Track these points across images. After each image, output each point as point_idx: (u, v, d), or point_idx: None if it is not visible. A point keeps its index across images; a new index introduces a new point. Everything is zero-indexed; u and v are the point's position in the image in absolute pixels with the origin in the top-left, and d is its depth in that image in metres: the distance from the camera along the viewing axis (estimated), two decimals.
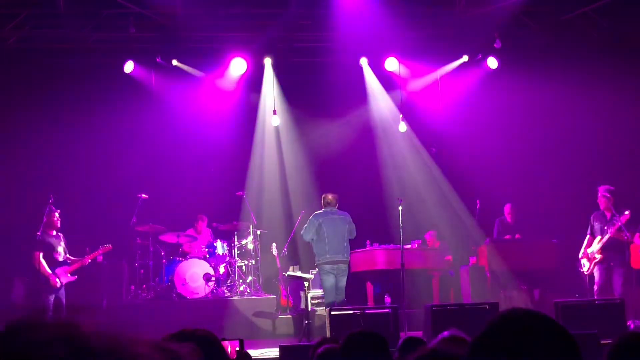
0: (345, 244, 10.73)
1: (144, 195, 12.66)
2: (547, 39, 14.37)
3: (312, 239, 10.77)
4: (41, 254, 10.60)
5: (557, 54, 14.45)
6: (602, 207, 11.42)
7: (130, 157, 13.80)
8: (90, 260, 11.02)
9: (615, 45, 14.07)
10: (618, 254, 11.25)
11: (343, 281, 10.68)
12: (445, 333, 2.99)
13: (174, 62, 13.86)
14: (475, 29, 13.84)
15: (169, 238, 12.82)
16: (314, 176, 14.90)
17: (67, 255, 10.95)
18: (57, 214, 10.83)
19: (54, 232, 10.88)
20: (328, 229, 10.64)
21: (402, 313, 10.27)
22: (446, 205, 14.24)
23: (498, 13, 13.27)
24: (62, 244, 10.95)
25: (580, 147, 14.27)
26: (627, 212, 11.09)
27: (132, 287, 12.69)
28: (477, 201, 13.00)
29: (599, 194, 11.45)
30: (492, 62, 14.21)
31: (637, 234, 11.46)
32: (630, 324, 9.97)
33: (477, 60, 14.34)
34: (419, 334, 9.99)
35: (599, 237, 11.33)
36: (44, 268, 10.64)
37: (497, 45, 13.64)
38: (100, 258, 11.29)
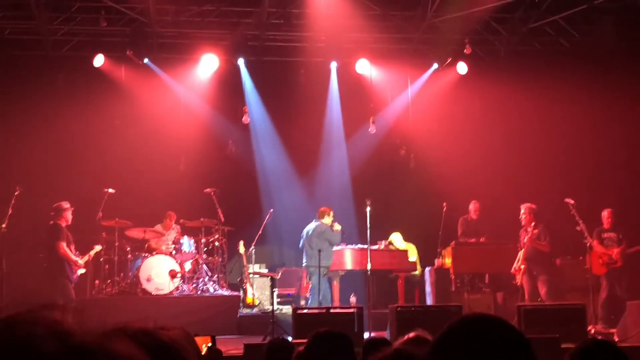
0: (311, 251, 12.05)
1: (110, 190, 12.56)
2: (517, 46, 14.56)
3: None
4: (64, 244, 10.90)
5: (527, 61, 14.65)
6: (524, 222, 12.17)
7: (98, 151, 13.71)
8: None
9: (586, 53, 14.30)
10: (538, 262, 12.00)
11: (313, 280, 11.99)
12: (411, 334, 3.04)
13: (145, 61, 13.79)
14: (446, 34, 13.98)
15: (135, 233, 12.73)
16: (284, 175, 14.94)
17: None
18: (71, 211, 11.15)
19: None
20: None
21: (368, 313, 10.35)
22: (413, 207, 14.33)
23: (468, 19, 13.42)
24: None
25: (548, 151, 14.48)
26: (533, 224, 11.96)
27: (97, 282, 12.59)
28: (444, 204, 13.12)
29: (521, 211, 12.19)
30: (462, 68, 14.35)
31: (596, 241, 11.75)
32: (591, 328, 10.14)
33: (446, 65, 14.46)
34: (383, 334, 10.08)
35: (522, 250, 12.06)
36: (71, 257, 10.99)
37: (467, 50, 13.79)
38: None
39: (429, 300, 12.38)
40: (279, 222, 14.14)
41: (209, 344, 3.72)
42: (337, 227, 12.28)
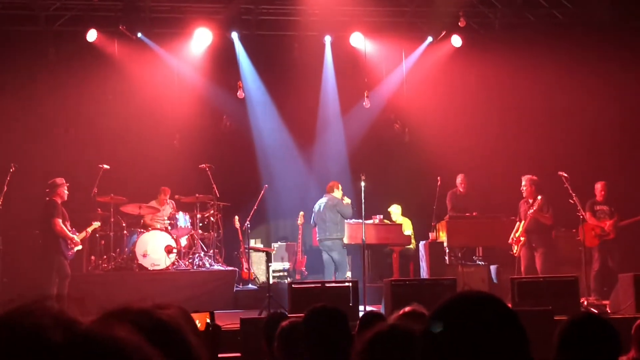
0: (325, 225, 12.13)
1: (105, 166, 12.55)
2: (511, 18, 14.53)
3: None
4: (60, 220, 10.91)
5: (522, 33, 14.62)
6: (525, 194, 12.19)
7: (92, 126, 13.67)
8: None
9: (580, 24, 14.29)
10: (539, 235, 12.02)
11: (334, 255, 12.11)
12: (407, 308, 3.08)
13: (139, 35, 13.71)
14: (440, 7, 13.93)
15: (131, 209, 12.75)
16: (280, 150, 14.94)
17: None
18: (66, 187, 11.13)
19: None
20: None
21: (363, 287, 10.43)
22: (408, 182, 14.38)
23: None
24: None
25: (542, 124, 14.51)
26: (539, 197, 11.87)
27: (93, 257, 12.63)
28: (438, 178, 13.16)
29: (522, 183, 12.21)
30: (456, 41, 14.32)
31: (589, 214, 11.83)
32: (584, 300, 10.24)
33: (441, 38, 14.42)
34: (379, 307, 10.17)
35: (522, 222, 12.06)
36: (67, 233, 10.97)
37: (462, 23, 13.75)
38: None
39: (424, 274, 12.47)
40: (275, 197, 14.17)
41: (208, 320, 3.75)
42: (347, 200, 12.31)
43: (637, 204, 12.43)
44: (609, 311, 10.09)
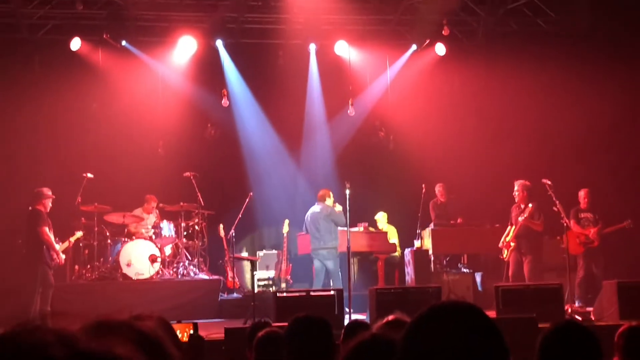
0: (319, 234, 12.11)
1: (89, 175, 12.49)
2: (495, 27, 14.62)
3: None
4: (47, 229, 10.83)
5: (505, 41, 14.72)
6: (517, 199, 12.18)
7: (76, 135, 13.59)
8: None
9: (562, 33, 14.41)
10: (528, 241, 12.03)
11: (329, 264, 12.09)
12: (390, 317, 3.07)
13: (123, 43, 13.68)
14: (424, 16, 13.99)
15: (115, 218, 12.69)
16: (266, 158, 14.93)
17: None
18: (51, 199, 11.06)
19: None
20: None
21: (348, 295, 10.42)
22: (393, 189, 14.40)
23: (447, 0, 13.44)
24: None
25: (526, 132, 14.57)
26: (530, 205, 11.87)
27: (76, 267, 12.55)
28: (423, 185, 13.19)
29: (515, 188, 12.19)
30: (440, 49, 14.38)
31: (573, 221, 11.90)
32: (568, 308, 10.27)
33: (425, 46, 14.48)
34: (364, 315, 10.17)
35: (513, 227, 12.07)
36: (53, 244, 10.89)
37: (445, 32, 13.81)
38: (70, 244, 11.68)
39: (409, 282, 12.47)
40: (259, 205, 14.13)
41: (191, 331, 3.73)
42: (339, 207, 12.27)
43: (621, 211, 12.51)
44: (593, 318, 10.13)
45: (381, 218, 13.85)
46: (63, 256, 11.18)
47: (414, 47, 14.63)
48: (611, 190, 13.26)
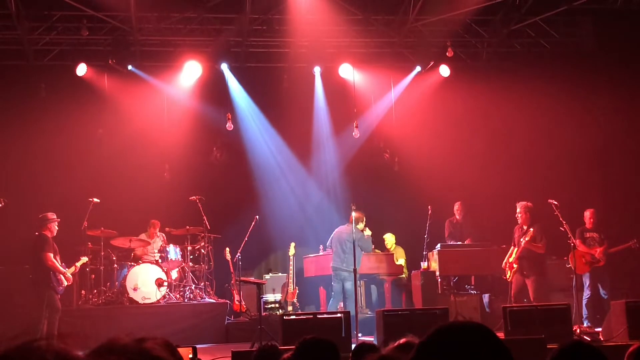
0: (344, 255, 12.06)
1: (95, 200, 12.52)
2: (498, 48, 14.68)
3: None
4: (52, 255, 10.84)
5: (509, 62, 14.78)
6: (520, 221, 12.12)
7: (82, 160, 13.65)
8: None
9: (566, 54, 14.46)
10: (531, 263, 11.93)
11: (347, 285, 11.97)
12: (402, 340, 3.06)
13: (129, 67, 13.78)
14: (428, 38, 14.07)
15: (121, 242, 12.69)
16: (272, 181, 14.95)
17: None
18: (57, 222, 11.08)
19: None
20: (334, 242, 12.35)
21: (356, 317, 10.38)
22: (399, 211, 14.39)
23: (450, 22, 13.53)
24: None
25: (531, 152, 14.58)
26: (532, 229, 11.80)
27: (83, 292, 12.54)
28: (429, 207, 13.17)
29: (517, 209, 12.14)
30: (444, 70, 14.43)
31: (579, 241, 11.86)
32: (576, 328, 10.21)
33: (429, 68, 14.53)
34: (372, 338, 10.12)
35: (516, 248, 12.01)
36: (59, 267, 10.89)
37: (449, 53, 13.87)
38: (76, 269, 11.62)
39: (416, 304, 12.42)
40: (266, 228, 14.11)
41: (190, 355, 3.72)
42: (368, 232, 12.23)
43: (626, 231, 12.48)
44: (601, 338, 10.07)
45: (389, 238, 13.84)
46: (70, 275, 11.15)
47: (418, 68, 14.69)
48: (617, 210, 13.23)
